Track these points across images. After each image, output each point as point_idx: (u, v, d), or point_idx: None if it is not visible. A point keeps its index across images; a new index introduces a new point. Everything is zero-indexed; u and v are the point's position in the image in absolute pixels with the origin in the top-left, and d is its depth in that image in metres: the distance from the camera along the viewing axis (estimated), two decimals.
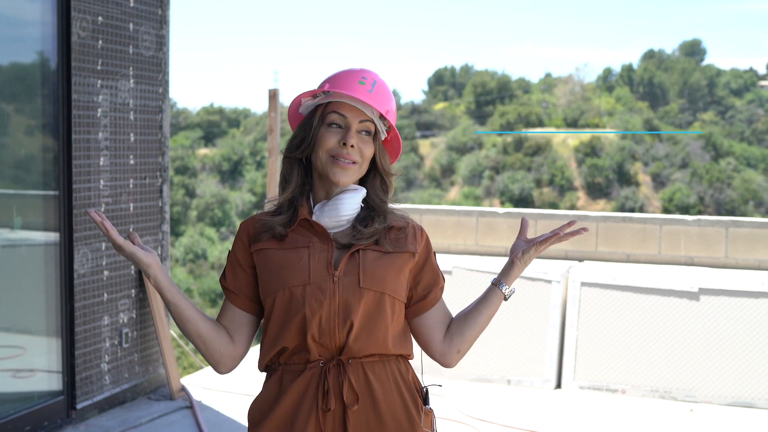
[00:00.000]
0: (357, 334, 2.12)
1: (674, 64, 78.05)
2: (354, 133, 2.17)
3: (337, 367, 2.13)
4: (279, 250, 2.17)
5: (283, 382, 2.17)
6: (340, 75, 2.23)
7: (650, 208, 52.97)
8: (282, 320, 2.13)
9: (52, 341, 5.08)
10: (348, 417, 2.11)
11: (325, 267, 2.13)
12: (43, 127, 5.04)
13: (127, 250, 2.11)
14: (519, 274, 2.31)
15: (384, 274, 2.16)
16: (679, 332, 5.99)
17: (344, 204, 2.19)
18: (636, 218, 6.85)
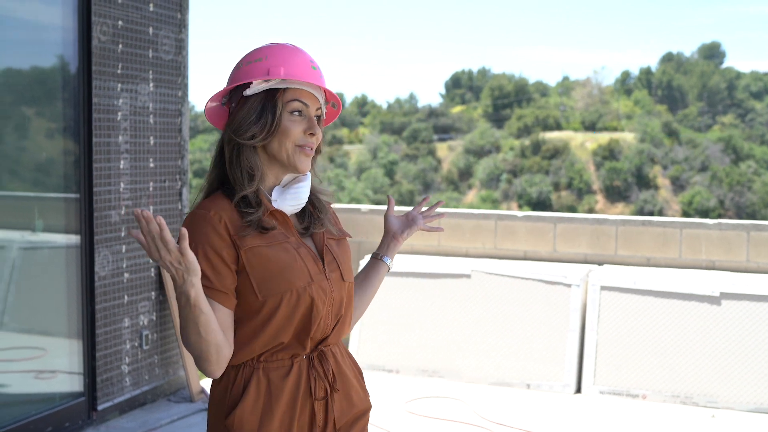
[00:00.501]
0: (339, 326, 2.23)
1: (693, 67, 77.69)
2: (314, 119, 2.18)
3: (318, 357, 2.19)
4: (267, 247, 2.11)
5: (271, 379, 2.12)
6: (292, 59, 2.17)
7: (669, 212, 52.72)
8: (286, 320, 2.11)
9: (74, 343, 5.10)
10: (331, 400, 2.19)
11: (315, 264, 2.17)
12: (63, 130, 5.07)
13: (190, 259, 1.88)
14: (398, 250, 2.65)
15: (349, 263, 2.29)
16: (701, 337, 5.95)
17: (304, 191, 2.21)
18: (656, 222, 6.81)
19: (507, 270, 6.43)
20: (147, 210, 1.91)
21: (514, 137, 63.49)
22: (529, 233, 7.00)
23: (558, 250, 6.94)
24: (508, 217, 7.15)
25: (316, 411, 2.17)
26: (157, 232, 1.84)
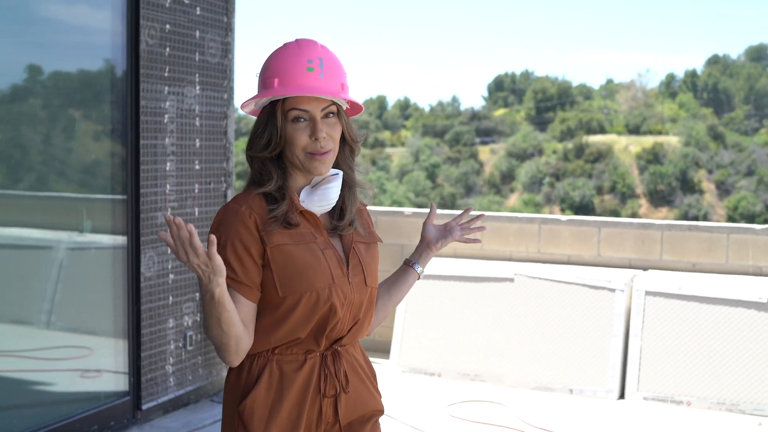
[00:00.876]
0: (356, 328, 2.25)
1: (740, 69, 76.69)
2: (320, 122, 2.15)
3: (332, 356, 2.23)
4: (293, 245, 2.16)
5: (284, 371, 2.18)
6: (286, 65, 2.17)
7: (714, 217, 52.06)
8: (305, 318, 2.16)
9: (119, 342, 5.16)
10: (340, 399, 2.23)
11: (339, 267, 2.20)
12: (111, 132, 5.14)
13: (217, 263, 1.95)
14: (431, 258, 2.58)
15: (376, 268, 2.31)
16: (747, 343, 5.87)
17: (333, 191, 2.21)
18: (702, 227, 6.73)
19: (551, 274, 6.39)
20: (178, 217, 1.99)
21: (556, 140, 63.12)
22: (573, 237, 6.95)
23: (602, 254, 6.89)
24: (552, 221, 7.11)
25: (324, 408, 2.21)
26: (187, 238, 1.91)
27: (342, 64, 2.23)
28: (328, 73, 2.16)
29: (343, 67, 2.23)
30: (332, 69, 2.17)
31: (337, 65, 2.20)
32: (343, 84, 2.19)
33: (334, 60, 2.20)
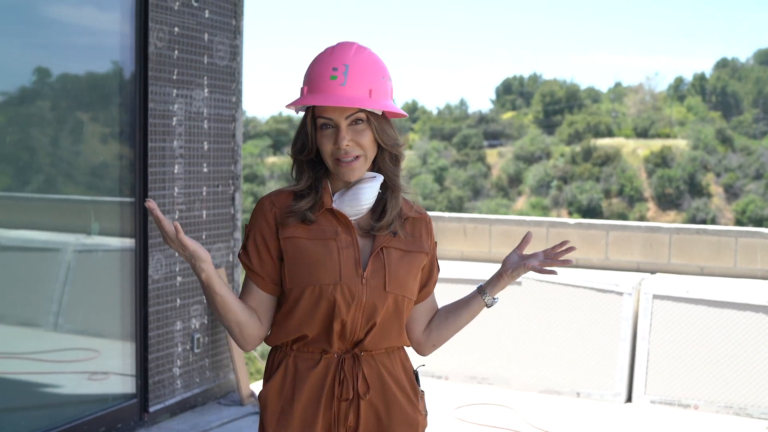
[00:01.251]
0: (375, 333, 2.21)
1: (748, 73, 76.51)
2: (345, 130, 2.15)
3: (351, 359, 2.22)
4: (308, 240, 2.19)
5: (299, 368, 2.22)
6: (314, 72, 2.19)
7: (722, 220, 51.92)
8: (308, 314, 2.19)
9: (126, 345, 5.17)
10: (360, 406, 2.21)
11: (353, 266, 2.18)
12: (119, 134, 5.15)
13: (191, 248, 2.08)
14: (504, 288, 2.40)
15: (406, 276, 2.24)
16: (755, 347, 5.85)
17: (363, 193, 2.21)
18: (711, 230, 6.72)
19: (558, 277, 6.38)
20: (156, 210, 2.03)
21: (564, 144, 63.05)
22: (581, 240, 6.94)
23: (610, 257, 6.88)
24: (560, 224, 7.10)
25: (343, 413, 2.20)
26: (172, 232, 2.05)
27: (376, 69, 2.19)
28: (353, 80, 2.14)
29: (378, 73, 2.18)
30: (358, 76, 2.15)
31: (366, 72, 2.16)
32: (372, 90, 2.15)
33: (363, 66, 2.16)
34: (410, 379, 2.32)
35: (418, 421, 2.31)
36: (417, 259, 2.27)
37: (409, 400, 2.29)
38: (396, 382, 2.27)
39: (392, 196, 2.25)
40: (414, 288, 2.27)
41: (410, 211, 2.31)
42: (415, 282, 2.27)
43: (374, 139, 2.19)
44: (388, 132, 2.22)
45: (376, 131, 2.19)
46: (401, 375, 2.30)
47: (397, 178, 2.26)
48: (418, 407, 2.32)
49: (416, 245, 2.28)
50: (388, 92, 2.21)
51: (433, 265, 2.37)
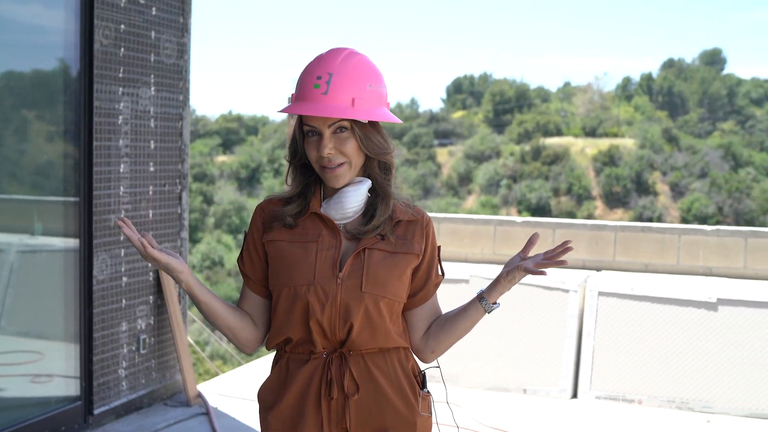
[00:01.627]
0: (358, 333, 2.21)
1: (694, 74, 77.73)
2: (328, 138, 2.17)
3: (339, 359, 2.23)
4: (289, 242, 2.24)
5: (290, 368, 2.26)
6: (300, 80, 2.21)
7: (668, 218, 52.71)
8: (286, 315, 2.23)
9: (71, 347, 5.11)
10: (349, 405, 2.21)
11: (330, 267, 2.20)
12: (64, 133, 5.09)
13: (163, 262, 2.16)
14: (504, 292, 2.33)
15: (387, 277, 2.22)
16: (697, 343, 5.96)
17: (348, 198, 2.23)
18: (655, 228, 6.83)
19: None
20: (123, 218, 2.16)
21: (514, 143, 63.49)
22: (527, 239, 7.01)
23: None
24: (507, 222, 7.17)
25: (325, 411, 2.21)
26: (136, 243, 2.16)
27: (363, 77, 2.18)
28: (335, 89, 2.14)
29: (364, 81, 2.17)
30: (341, 85, 2.14)
31: (350, 80, 2.15)
32: (355, 99, 2.15)
33: (347, 75, 2.16)
34: (409, 380, 2.29)
35: (415, 422, 2.27)
36: (403, 260, 2.25)
37: (405, 400, 2.26)
38: (390, 382, 2.25)
39: (382, 202, 2.25)
40: (398, 289, 2.24)
41: (404, 214, 2.29)
42: (399, 283, 2.24)
43: (359, 148, 2.20)
44: (374, 140, 2.22)
45: (361, 140, 2.19)
46: (397, 375, 2.27)
47: (387, 185, 2.26)
48: (417, 408, 2.28)
49: (405, 247, 2.26)
50: (375, 100, 2.20)
51: (431, 269, 2.33)
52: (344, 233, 2.25)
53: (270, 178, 57.94)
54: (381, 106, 2.22)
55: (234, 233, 51.22)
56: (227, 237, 49.86)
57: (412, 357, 2.35)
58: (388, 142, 2.26)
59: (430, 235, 2.32)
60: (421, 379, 2.36)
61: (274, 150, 59.81)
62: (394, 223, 2.27)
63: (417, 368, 2.36)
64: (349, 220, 2.25)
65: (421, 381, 2.35)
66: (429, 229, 2.32)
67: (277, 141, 60.53)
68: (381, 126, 2.26)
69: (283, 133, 58.37)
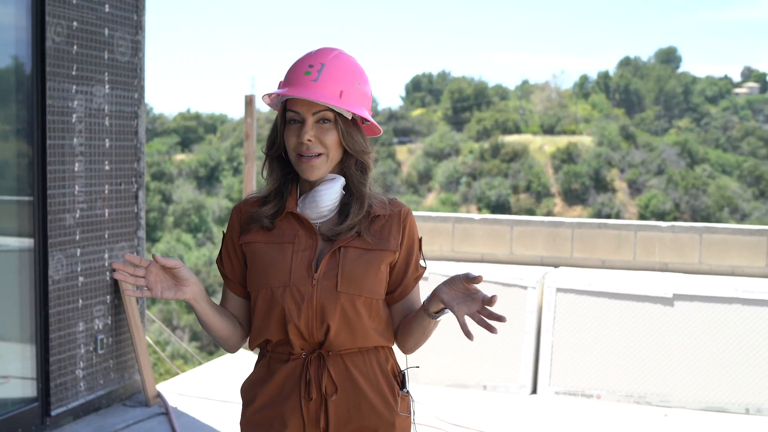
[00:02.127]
0: (335, 334, 2.19)
1: (650, 72, 78.59)
2: (310, 126, 2.17)
3: (317, 360, 2.21)
4: (265, 243, 2.23)
5: (271, 367, 2.26)
6: (291, 68, 2.23)
7: (626, 215, 53.23)
8: (264, 317, 2.23)
9: (27, 347, 5.04)
10: (329, 405, 2.20)
11: (305, 268, 2.19)
12: (17, 132, 5.02)
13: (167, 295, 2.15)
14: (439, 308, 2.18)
15: (362, 275, 2.20)
16: (654, 338, 6.03)
17: (321, 196, 2.22)
18: (611, 224, 6.89)
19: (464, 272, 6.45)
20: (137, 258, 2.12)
21: (473, 140, 63.74)
22: (486, 236, 7.04)
23: (515, 252, 6.99)
24: (466, 219, 7.19)
25: (311, 412, 2.20)
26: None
27: (352, 74, 2.20)
28: (325, 78, 2.16)
29: (354, 78, 2.19)
30: (332, 75, 2.16)
31: (340, 73, 2.18)
32: (343, 92, 2.16)
33: (339, 68, 2.18)
34: (388, 380, 2.27)
35: (393, 422, 2.25)
36: (378, 257, 2.22)
37: (384, 400, 2.25)
38: (369, 382, 2.24)
39: (356, 202, 2.23)
40: (374, 287, 2.21)
41: (383, 209, 2.26)
42: (375, 281, 2.21)
43: (339, 141, 2.20)
44: (355, 137, 2.22)
45: (342, 133, 2.19)
46: (376, 375, 2.25)
47: (363, 186, 2.24)
48: (396, 408, 2.26)
49: (381, 244, 2.23)
50: (361, 99, 2.21)
51: (409, 264, 2.29)
52: (320, 233, 2.23)
53: (229, 176, 57.61)
54: (365, 107, 2.24)
55: (193, 232, 50.88)
56: (187, 236, 49.49)
57: (392, 357, 2.33)
58: (368, 143, 2.26)
59: (407, 228, 2.28)
60: (401, 379, 2.33)
61: (233, 148, 59.46)
62: (371, 219, 2.24)
63: (397, 368, 2.34)
64: (325, 219, 2.24)
65: (400, 381, 2.33)
66: (406, 222, 2.28)
67: (235, 139, 60.17)
68: (361, 127, 2.27)
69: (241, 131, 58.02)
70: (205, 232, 51.37)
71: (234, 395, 5.94)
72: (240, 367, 6.74)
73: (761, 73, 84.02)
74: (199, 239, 50.29)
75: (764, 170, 57.82)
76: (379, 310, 2.26)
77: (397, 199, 2.32)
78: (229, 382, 6.34)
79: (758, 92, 79.53)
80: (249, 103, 7.37)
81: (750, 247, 6.58)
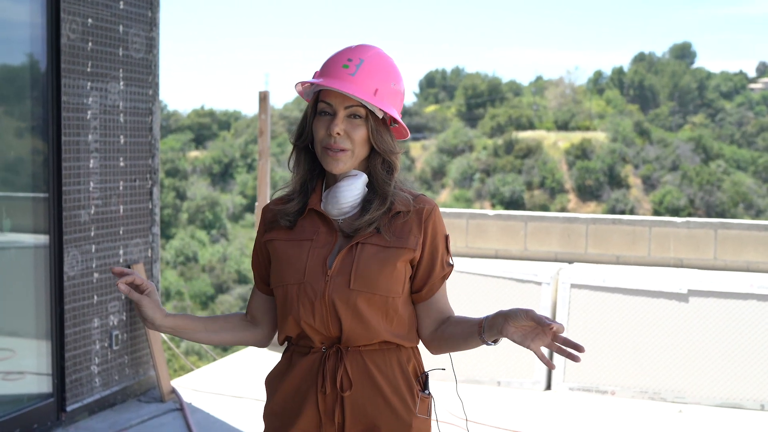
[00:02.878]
0: (349, 329, 2.18)
1: (664, 67, 78.25)
2: (341, 119, 2.16)
3: (336, 354, 2.21)
4: (285, 241, 2.25)
5: (292, 360, 2.28)
6: (329, 59, 2.23)
7: (641, 211, 53.06)
8: (282, 313, 2.25)
9: (42, 344, 5.07)
10: (344, 400, 2.20)
11: (320, 264, 2.19)
12: (32, 129, 5.04)
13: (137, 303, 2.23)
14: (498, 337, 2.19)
15: (377, 273, 2.17)
16: (669, 334, 6.01)
17: (342, 192, 2.20)
18: (625, 220, 6.87)
19: (478, 268, 6.45)
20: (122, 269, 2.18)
21: (487, 136, 63.65)
22: (500, 232, 7.03)
23: (529, 248, 6.98)
24: (480, 216, 7.18)
25: (327, 407, 2.20)
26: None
27: (389, 74, 2.20)
28: (362, 74, 2.15)
29: (390, 78, 2.19)
30: (369, 72, 2.16)
31: (378, 71, 2.17)
32: (378, 90, 2.16)
33: (377, 66, 2.18)
34: (407, 380, 2.24)
35: (410, 423, 2.22)
36: (395, 255, 2.19)
37: (401, 400, 2.22)
38: (387, 380, 2.21)
39: (378, 199, 2.21)
40: (391, 285, 2.18)
41: (406, 205, 2.23)
42: (391, 279, 2.18)
43: (367, 138, 2.19)
44: (384, 136, 2.21)
45: (372, 131, 2.18)
46: (395, 374, 2.23)
47: (387, 185, 2.22)
48: (414, 409, 2.23)
49: (399, 242, 2.20)
50: (394, 99, 2.21)
51: (434, 262, 2.26)
52: (341, 230, 2.22)
53: (243, 173, 57.71)
54: (397, 109, 2.23)
55: (207, 229, 50.99)
56: (201, 232, 49.62)
57: (414, 357, 2.29)
58: (396, 144, 2.25)
59: (429, 227, 2.24)
60: (423, 381, 2.30)
61: (247, 145, 59.56)
62: (392, 216, 2.21)
63: (420, 369, 2.30)
64: (347, 215, 2.22)
65: (423, 382, 2.29)
66: (429, 219, 2.24)
67: (249, 136, 60.28)
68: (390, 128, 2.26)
69: (255, 127, 58.11)
70: (219, 228, 51.48)
71: (248, 391, 5.95)
72: (255, 363, 6.76)
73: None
74: (213, 236, 50.41)
75: None
76: (397, 309, 2.22)
77: (424, 195, 2.30)
78: (243, 378, 6.36)
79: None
80: (263, 99, 7.38)
81: (765, 243, 6.55)
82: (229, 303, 39.99)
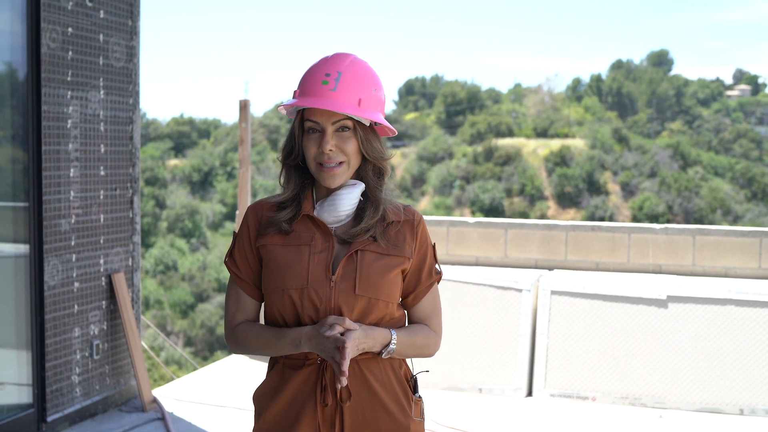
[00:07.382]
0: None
1: (642, 74, 78.76)
2: (330, 135, 2.18)
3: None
4: (282, 246, 2.23)
5: (284, 374, 2.25)
6: (307, 77, 2.23)
7: (620, 217, 53.34)
8: (279, 316, 2.23)
9: (22, 354, 5.04)
10: (344, 411, 2.20)
11: (323, 270, 2.20)
12: (12, 138, 5.02)
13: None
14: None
15: (379, 279, 2.21)
16: (648, 339, 6.05)
17: (342, 200, 2.24)
18: (605, 227, 6.92)
19: (459, 275, 6.48)
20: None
21: (466, 144, 63.81)
22: (480, 239, 7.06)
23: (509, 255, 7.01)
24: (460, 223, 7.21)
25: (326, 418, 2.20)
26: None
27: (369, 81, 2.22)
28: (343, 87, 2.17)
29: (370, 85, 2.22)
30: (349, 84, 2.18)
31: (358, 81, 2.19)
32: (362, 100, 2.18)
33: (356, 76, 2.20)
34: (402, 385, 2.29)
35: (408, 427, 2.27)
36: (393, 262, 2.24)
37: (399, 406, 2.26)
38: (384, 388, 2.25)
39: (372, 206, 2.25)
40: (391, 291, 2.24)
41: (396, 215, 2.29)
42: (392, 284, 2.24)
43: (359, 149, 2.22)
44: (374, 144, 2.25)
45: (362, 141, 2.22)
46: (390, 381, 2.26)
47: (378, 191, 2.27)
48: (410, 413, 2.28)
49: (395, 250, 2.25)
50: (377, 105, 2.24)
51: (422, 271, 2.32)
52: (336, 236, 2.25)
53: (223, 181, 57.55)
54: (381, 113, 2.26)
55: (187, 237, 50.79)
56: (180, 241, 49.43)
57: (404, 362, 2.34)
58: (385, 149, 2.28)
59: (418, 235, 2.31)
60: (413, 384, 2.34)
61: (227, 153, 59.40)
62: (386, 225, 2.26)
63: (409, 373, 2.35)
64: (342, 223, 2.26)
65: (413, 386, 2.34)
66: (419, 229, 2.31)
67: (229, 144, 60.12)
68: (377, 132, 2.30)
69: (235, 136, 57.99)
70: (198, 237, 51.29)
71: (230, 400, 5.94)
72: (236, 372, 6.75)
73: (753, 76, 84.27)
74: (193, 244, 50.22)
75: (756, 172, 57.97)
76: (393, 314, 2.27)
77: (411, 206, 2.35)
78: (224, 386, 6.34)
79: (750, 94, 79.75)
80: (243, 107, 7.38)
81: (743, 249, 6.61)
82: (209, 312, 39.83)
